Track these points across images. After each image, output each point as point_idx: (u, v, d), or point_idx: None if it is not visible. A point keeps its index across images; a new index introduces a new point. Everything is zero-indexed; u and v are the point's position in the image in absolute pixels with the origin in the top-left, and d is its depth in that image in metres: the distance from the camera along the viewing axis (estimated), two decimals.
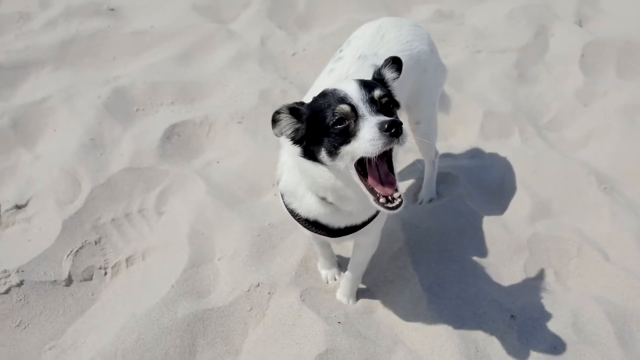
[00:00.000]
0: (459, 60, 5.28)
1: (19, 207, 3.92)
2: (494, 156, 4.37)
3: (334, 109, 2.36)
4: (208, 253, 3.62)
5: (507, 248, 3.73)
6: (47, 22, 5.49)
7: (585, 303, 3.43)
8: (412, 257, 3.56)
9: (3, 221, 3.85)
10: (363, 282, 3.53)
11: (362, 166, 2.40)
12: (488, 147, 4.47)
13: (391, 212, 2.41)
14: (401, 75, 3.11)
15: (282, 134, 2.52)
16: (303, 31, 5.75)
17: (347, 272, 3.35)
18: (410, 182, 4.16)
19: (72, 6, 5.68)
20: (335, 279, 3.52)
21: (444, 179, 4.15)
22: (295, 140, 2.52)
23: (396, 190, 2.41)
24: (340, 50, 3.26)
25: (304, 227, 2.84)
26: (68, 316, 3.35)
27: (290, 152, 2.67)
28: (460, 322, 3.26)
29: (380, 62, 3.07)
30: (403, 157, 4.32)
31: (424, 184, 4.00)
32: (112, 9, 5.71)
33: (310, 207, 2.73)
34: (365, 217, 2.80)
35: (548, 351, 3.16)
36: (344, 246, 3.65)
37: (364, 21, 3.41)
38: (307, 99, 2.76)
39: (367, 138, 2.28)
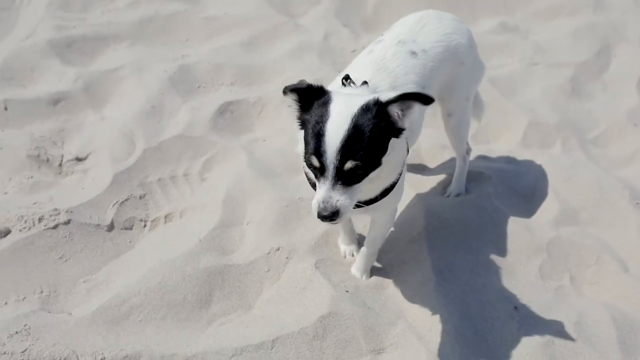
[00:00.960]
0: (513, 71, 5.35)
1: (79, 159, 4.31)
2: (530, 163, 4.43)
3: (311, 154, 2.54)
4: (238, 217, 3.88)
5: (525, 248, 3.79)
6: (131, 2, 5.94)
7: (594, 307, 3.46)
8: (428, 242, 3.69)
9: (63, 170, 4.25)
10: (379, 261, 3.69)
11: None
12: (527, 155, 4.53)
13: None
14: (437, 65, 3.30)
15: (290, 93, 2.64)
16: (367, 31, 5.96)
17: (362, 248, 3.52)
18: (442, 176, 4.28)
19: None
20: (352, 255, 3.69)
21: (476, 178, 4.25)
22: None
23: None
24: (382, 35, 3.45)
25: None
26: (105, 257, 3.68)
27: None
28: (463, 306, 3.37)
29: (418, 49, 3.25)
30: (439, 153, 4.44)
31: (454, 178, 4.12)
32: None
33: None
34: (373, 194, 2.94)
35: (545, 344, 3.22)
36: (366, 225, 3.80)
37: None
38: (348, 71, 2.98)
39: (312, 205, 2.58)
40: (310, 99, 2.63)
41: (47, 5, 5.77)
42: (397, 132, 2.62)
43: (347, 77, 2.87)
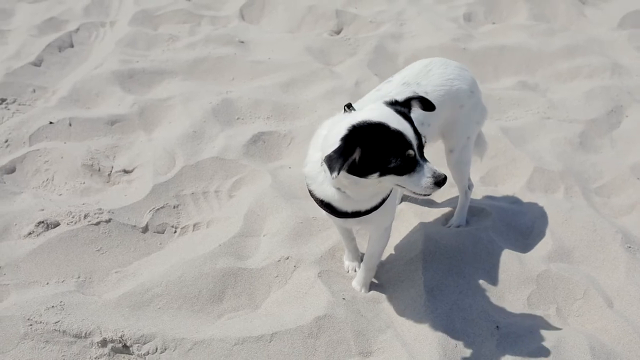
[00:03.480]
0: (526, 123, 5.56)
1: (126, 171, 4.73)
2: (532, 204, 4.60)
3: (404, 153, 2.83)
4: (257, 229, 4.18)
5: (516, 278, 3.95)
6: (188, 44, 6.47)
7: (574, 334, 3.57)
8: (424, 264, 3.90)
9: (112, 179, 4.67)
10: (378, 278, 3.91)
11: None
12: (530, 198, 4.70)
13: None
14: (437, 105, 3.60)
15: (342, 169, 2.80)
16: None
17: (362, 263, 3.77)
18: (446, 209, 4.50)
19: (212, 35, 6.64)
20: (355, 271, 3.92)
21: (477, 213, 4.45)
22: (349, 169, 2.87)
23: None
24: (392, 77, 3.78)
25: (318, 204, 3.33)
26: (136, 254, 4.03)
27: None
28: (448, 321, 3.55)
29: (420, 91, 3.58)
30: (447, 189, 4.67)
31: (456, 211, 4.34)
32: (242, 42, 6.60)
33: (326, 193, 3.20)
34: (368, 206, 3.22)
35: None
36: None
37: None
38: (358, 106, 3.28)
39: (423, 184, 2.87)
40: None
41: (117, 42, 6.36)
42: None
43: (349, 105, 3.19)
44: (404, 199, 4.57)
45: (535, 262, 4.06)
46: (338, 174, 2.75)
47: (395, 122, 2.86)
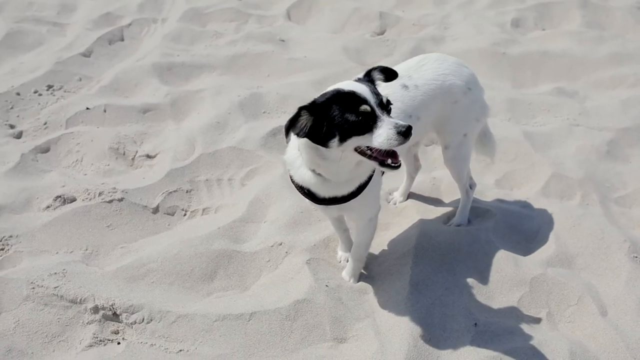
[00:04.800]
0: (553, 128, 5.43)
1: (149, 156, 4.99)
2: (542, 210, 4.50)
3: (359, 109, 2.88)
4: (259, 216, 4.33)
5: (509, 279, 3.90)
6: (230, 41, 6.72)
7: (556, 338, 3.50)
8: (414, 259, 3.92)
9: (135, 163, 4.94)
10: (370, 271, 3.97)
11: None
12: (543, 203, 4.59)
13: (394, 169, 3.00)
14: (427, 99, 3.63)
15: (302, 133, 2.95)
16: None
17: (350, 254, 3.83)
18: (450, 209, 4.48)
19: (254, 33, 6.87)
20: (347, 261, 3.99)
21: (482, 213, 4.41)
22: (309, 134, 2.98)
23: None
24: None
25: (298, 191, 3.43)
26: (144, 232, 4.26)
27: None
28: (427, 315, 3.56)
29: (410, 84, 3.62)
30: (454, 190, 4.64)
31: (458, 210, 4.31)
32: (283, 40, 6.78)
33: (304, 177, 3.31)
34: (345, 192, 3.29)
35: (492, 358, 3.32)
36: None
37: (486, 84, 3.92)
38: None
39: (385, 137, 2.86)
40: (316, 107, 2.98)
41: (163, 37, 6.68)
42: None
43: None
44: (410, 196, 4.58)
45: (531, 266, 3.98)
46: (286, 137, 2.95)
47: (350, 86, 2.97)
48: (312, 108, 2.95)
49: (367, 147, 2.95)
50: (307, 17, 7.60)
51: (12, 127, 5.23)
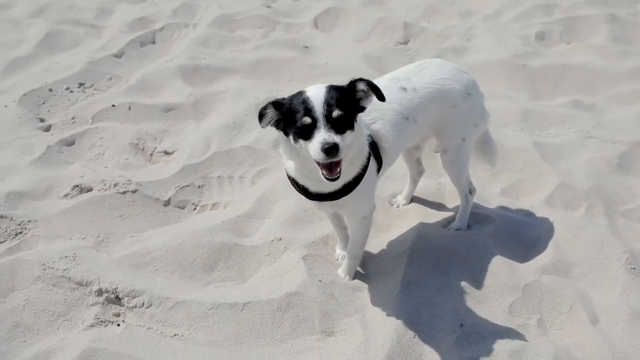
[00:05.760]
0: (566, 140, 5.40)
1: (167, 153, 5.18)
2: (544, 219, 4.49)
3: (301, 118, 3.04)
4: (263, 212, 4.45)
5: (502, 284, 3.91)
6: (256, 46, 6.90)
7: (541, 344, 3.50)
8: (409, 259, 3.97)
9: (153, 159, 5.13)
10: (367, 269, 4.04)
11: None
12: (547, 213, 4.58)
13: (331, 182, 3.13)
14: (425, 102, 3.70)
15: (267, 124, 3.22)
16: None
17: (346, 252, 3.91)
18: (451, 213, 4.51)
19: (279, 39, 7.03)
20: (344, 259, 4.07)
21: (483, 219, 4.43)
22: (278, 127, 3.25)
23: (337, 174, 3.09)
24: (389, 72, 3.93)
25: (291, 184, 3.54)
26: (154, 223, 4.43)
27: None
28: (415, 314, 3.61)
29: (409, 87, 3.70)
30: (457, 196, 4.66)
31: (458, 215, 4.34)
32: (307, 47, 6.92)
33: (290, 167, 3.44)
34: (331, 188, 3.37)
35: (473, 359, 3.36)
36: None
37: (502, 95, 3.86)
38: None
39: (314, 150, 3.02)
40: (281, 105, 3.18)
41: (192, 41, 6.91)
42: (361, 109, 3.23)
43: None
44: (413, 199, 4.64)
45: (526, 272, 3.99)
46: (260, 123, 3.20)
47: (311, 92, 3.07)
48: (277, 105, 3.16)
49: None
50: (334, 26, 7.73)
51: (42, 120, 5.50)
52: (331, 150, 2.95)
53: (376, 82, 3.71)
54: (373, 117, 3.52)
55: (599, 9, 7.96)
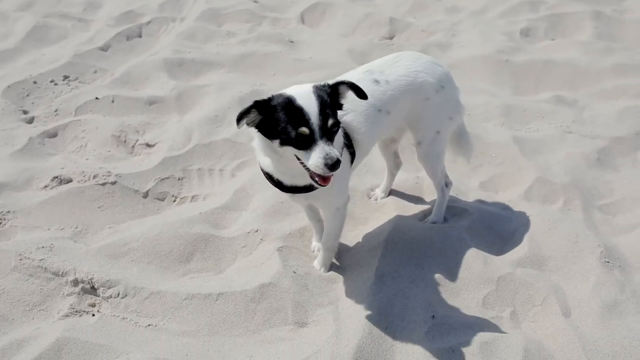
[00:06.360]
0: (545, 135, 5.41)
1: (148, 145, 5.17)
2: (521, 213, 4.49)
3: (297, 127, 2.96)
4: (242, 204, 4.45)
5: (477, 277, 3.92)
6: (241, 40, 6.89)
7: (512, 336, 3.51)
8: (384, 251, 3.97)
9: (134, 151, 5.12)
10: (342, 262, 4.05)
11: None
12: (524, 207, 4.59)
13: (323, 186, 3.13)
14: (397, 95, 3.70)
15: (251, 124, 3.10)
16: None
17: (321, 243, 3.92)
18: (428, 206, 4.52)
19: (265, 34, 7.02)
20: (320, 251, 4.07)
21: (459, 212, 4.44)
22: (259, 128, 3.15)
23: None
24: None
25: (265, 178, 3.53)
26: (132, 215, 4.42)
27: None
28: (388, 305, 3.62)
29: (382, 79, 3.70)
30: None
31: (434, 208, 4.35)
32: (292, 42, 6.92)
33: (265, 163, 3.43)
34: (306, 182, 3.37)
35: (444, 352, 3.36)
36: (345, 232, 4.13)
37: (485, 90, 3.79)
38: None
39: (314, 163, 2.98)
40: (267, 108, 3.08)
41: (178, 35, 6.89)
42: (340, 107, 3.23)
43: None
44: (391, 192, 4.65)
45: (500, 265, 4.00)
46: (237, 125, 3.01)
47: (303, 99, 3.00)
48: (264, 107, 3.05)
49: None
50: (320, 21, 7.73)
51: (25, 112, 5.49)
52: (334, 166, 2.95)
53: (349, 74, 3.72)
54: (345, 108, 3.49)
55: (584, 6, 7.97)
